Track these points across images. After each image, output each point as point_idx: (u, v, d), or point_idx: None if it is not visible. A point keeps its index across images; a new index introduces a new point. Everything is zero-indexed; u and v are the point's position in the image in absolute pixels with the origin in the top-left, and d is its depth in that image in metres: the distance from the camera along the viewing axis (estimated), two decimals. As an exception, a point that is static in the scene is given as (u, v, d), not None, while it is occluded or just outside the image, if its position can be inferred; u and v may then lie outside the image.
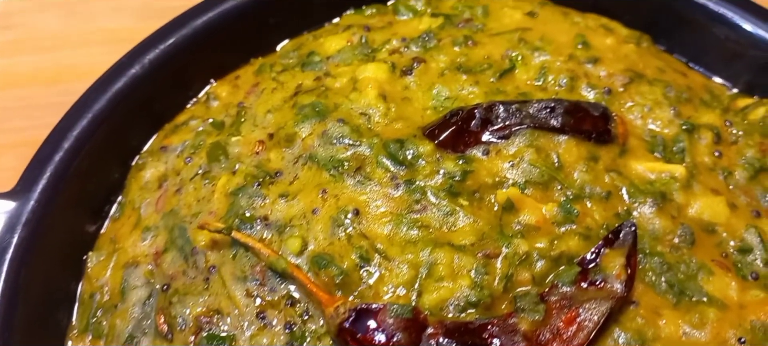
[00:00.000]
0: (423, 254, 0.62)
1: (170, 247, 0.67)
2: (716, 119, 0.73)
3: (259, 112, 0.75)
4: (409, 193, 0.65)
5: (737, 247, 0.65)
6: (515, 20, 0.82)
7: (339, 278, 0.61)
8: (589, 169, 0.67)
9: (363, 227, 0.64)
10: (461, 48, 0.78)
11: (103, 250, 0.70)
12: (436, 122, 0.70)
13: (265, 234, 0.65)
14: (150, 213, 0.70)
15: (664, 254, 0.63)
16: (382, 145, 0.68)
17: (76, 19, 1.19)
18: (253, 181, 0.68)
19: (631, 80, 0.75)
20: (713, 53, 0.82)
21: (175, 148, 0.74)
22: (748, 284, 0.63)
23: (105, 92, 0.70)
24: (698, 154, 0.70)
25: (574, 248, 0.62)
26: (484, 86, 0.74)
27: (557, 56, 0.77)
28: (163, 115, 0.77)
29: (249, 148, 0.72)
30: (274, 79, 0.78)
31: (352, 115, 0.71)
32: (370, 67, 0.76)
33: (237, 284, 0.63)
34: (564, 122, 0.69)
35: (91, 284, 0.68)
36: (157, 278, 0.66)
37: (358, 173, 0.67)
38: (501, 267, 0.61)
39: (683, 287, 0.62)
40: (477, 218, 0.64)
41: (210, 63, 0.80)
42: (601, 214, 0.65)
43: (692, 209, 0.66)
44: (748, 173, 0.70)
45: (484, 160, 0.67)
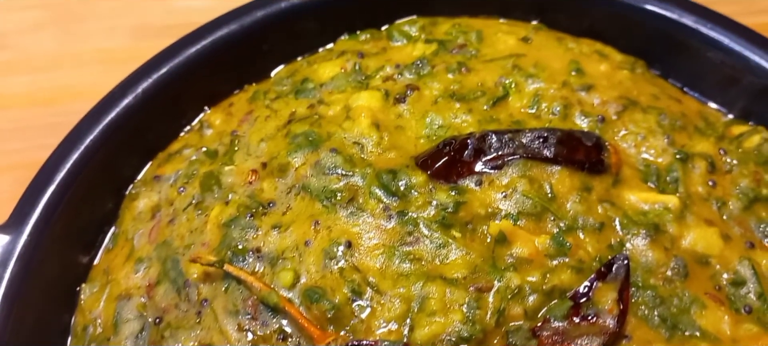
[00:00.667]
0: (415, 288, 0.62)
1: (163, 279, 0.67)
2: (711, 147, 0.73)
3: (252, 141, 0.75)
4: (402, 225, 0.65)
5: (731, 280, 0.64)
6: (509, 46, 0.82)
7: (331, 312, 0.61)
8: (582, 200, 0.67)
9: (355, 259, 0.64)
10: (455, 75, 0.78)
11: (96, 281, 0.70)
12: (429, 152, 0.70)
13: (257, 267, 0.65)
14: (143, 244, 0.70)
15: (657, 287, 0.63)
16: (375, 176, 0.68)
17: (72, 39, 1.19)
18: (246, 212, 0.68)
19: (625, 108, 0.75)
20: (708, 79, 0.82)
21: (168, 177, 0.74)
22: (741, 318, 0.62)
23: (97, 123, 0.70)
24: (692, 184, 0.70)
25: (566, 281, 0.62)
26: (478, 114, 0.74)
27: (551, 83, 0.77)
28: (156, 143, 0.77)
29: (242, 178, 0.72)
30: (267, 106, 0.78)
31: (345, 144, 0.71)
32: (364, 95, 0.75)
33: (229, 318, 0.63)
34: (557, 152, 0.68)
35: (84, 317, 0.68)
36: (150, 310, 0.66)
37: (351, 204, 0.67)
38: (493, 301, 0.61)
39: (676, 321, 0.62)
40: (469, 251, 0.64)
41: (204, 91, 0.80)
42: (594, 246, 0.65)
43: (685, 241, 0.66)
44: (743, 203, 0.70)
45: (477, 191, 0.67)
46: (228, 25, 0.77)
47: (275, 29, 0.80)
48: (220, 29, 0.77)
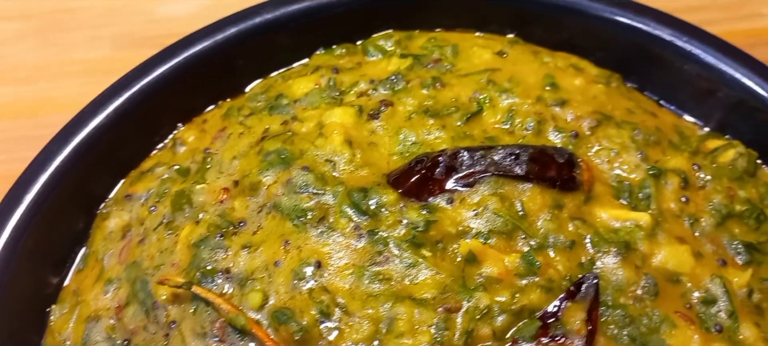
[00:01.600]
0: (383, 309, 0.62)
1: (132, 300, 0.66)
2: (684, 163, 0.73)
3: (224, 159, 0.74)
4: (372, 244, 0.65)
5: (702, 298, 0.64)
6: (484, 60, 0.82)
7: (298, 334, 0.61)
8: (554, 218, 0.67)
9: (325, 280, 0.64)
10: (429, 90, 0.78)
11: (66, 302, 0.70)
12: (401, 169, 0.70)
13: (226, 288, 0.65)
14: (113, 265, 0.70)
15: (627, 307, 0.63)
16: (346, 195, 0.67)
17: (54, 50, 1.19)
18: (216, 231, 0.68)
19: (599, 123, 0.74)
20: (684, 91, 0.82)
21: (139, 196, 0.74)
22: (711, 337, 0.62)
23: (67, 143, 0.69)
24: (664, 201, 0.70)
25: (535, 301, 0.62)
26: (451, 130, 0.74)
27: (525, 98, 0.76)
28: (129, 161, 0.77)
29: (213, 197, 0.72)
30: (241, 123, 0.78)
31: (317, 162, 0.71)
32: (337, 112, 0.75)
33: (196, 340, 0.63)
34: (528, 170, 0.68)
35: (54, 338, 0.68)
36: (118, 332, 0.65)
37: (322, 223, 0.67)
38: (461, 322, 0.61)
39: (645, 340, 0.61)
40: (439, 270, 0.63)
41: (177, 107, 0.79)
42: (564, 264, 0.65)
43: (656, 259, 0.66)
44: (715, 220, 0.69)
45: (448, 209, 0.67)
46: (200, 42, 0.77)
47: (249, 45, 0.80)
48: (193, 46, 0.77)
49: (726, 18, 1.27)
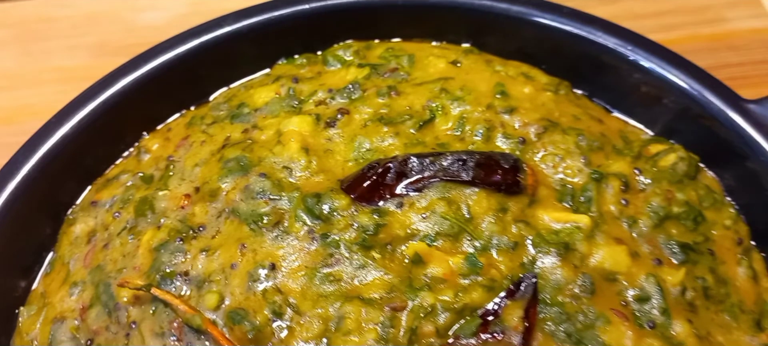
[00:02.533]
0: (333, 308, 0.65)
1: (95, 302, 0.70)
2: (626, 167, 0.76)
3: (187, 166, 0.78)
4: (324, 247, 0.68)
5: (636, 296, 0.67)
6: (439, 69, 0.85)
7: (251, 333, 0.64)
8: (498, 221, 0.70)
9: (278, 281, 0.67)
10: (385, 99, 0.81)
11: (33, 305, 0.73)
12: (354, 175, 0.73)
13: (184, 290, 0.68)
14: (78, 268, 0.73)
15: (564, 304, 0.66)
16: (301, 200, 0.71)
17: (32, 58, 1.23)
18: (177, 236, 0.71)
19: (546, 129, 0.78)
20: (632, 98, 0.85)
21: (104, 202, 0.77)
22: (644, 333, 0.65)
23: (34, 153, 0.72)
24: (605, 203, 0.73)
25: (477, 299, 0.65)
26: (404, 137, 0.77)
27: (476, 106, 0.79)
28: (95, 168, 0.80)
29: (175, 203, 0.75)
30: (203, 131, 0.81)
31: (275, 169, 0.74)
32: (295, 120, 0.78)
33: (155, 339, 0.66)
34: (475, 175, 0.71)
35: (22, 339, 0.71)
36: (82, 333, 0.69)
37: (277, 227, 0.70)
38: (406, 320, 0.64)
39: (581, 336, 0.64)
40: (387, 271, 0.67)
41: (142, 116, 0.82)
42: (506, 265, 0.68)
43: (594, 259, 0.69)
44: (653, 222, 0.72)
45: (398, 213, 0.70)
46: (163, 54, 0.80)
47: (211, 56, 0.83)
48: (156, 58, 0.80)
49: (690, 22, 1.31)
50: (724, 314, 0.69)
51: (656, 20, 1.29)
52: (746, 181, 0.77)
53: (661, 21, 1.29)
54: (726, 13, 1.30)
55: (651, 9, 1.31)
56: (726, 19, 1.30)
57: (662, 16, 1.29)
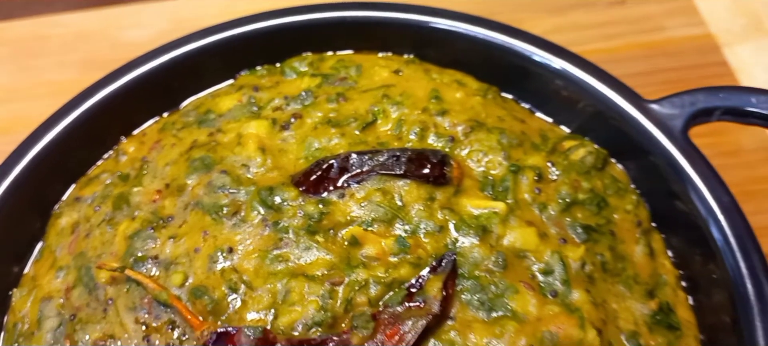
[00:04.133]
0: (280, 284, 0.75)
1: (78, 283, 0.80)
2: (541, 161, 0.87)
3: (159, 166, 0.89)
4: (275, 232, 0.79)
5: (542, 269, 0.78)
6: (383, 78, 0.96)
7: (210, 305, 0.75)
8: (426, 208, 0.80)
9: (234, 262, 0.77)
10: (334, 104, 0.92)
11: (25, 287, 0.84)
12: (303, 171, 0.84)
13: (154, 271, 0.79)
14: (64, 255, 0.84)
15: (480, 278, 0.76)
16: (257, 193, 0.81)
17: (26, 73, 1.34)
18: (148, 225, 0.82)
19: (472, 129, 0.88)
20: (553, 101, 0.95)
21: (87, 198, 0.88)
22: (547, 301, 0.76)
23: (24, 157, 0.84)
24: (520, 192, 0.84)
25: (405, 274, 0.76)
26: (349, 138, 0.88)
27: (413, 110, 0.90)
28: (79, 169, 0.91)
29: (148, 197, 0.86)
30: (174, 135, 0.92)
31: (234, 166, 0.85)
32: (253, 124, 0.89)
33: (128, 313, 0.77)
34: (407, 169, 0.82)
35: (15, 316, 0.82)
36: (66, 309, 0.79)
37: (235, 216, 0.81)
38: (343, 293, 0.75)
39: (492, 304, 0.75)
40: (329, 252, 0.77)
41: (121, 122, 0.94)
42: (432, 245, 0.78)
43: (507, 239, 0.79)
44: (561, 207, 0.83)
45: (340, 202, 0.81)
46: (138, 67, 0.91)
47: (181, 68, 0.94)
48: (132, 71, 0.91)
49: (630, 31, 1.41)
50: (619, 285, 0.80)
51: (598, 30, 1.40)
52: (648, 172, 0.88)
53: (603, 31, 1.40)
54: (665, 22, 1.41)
55: (595, 20, 1.43)
56: (664, 28, 1.41)
57: (604, 26, 1.41)
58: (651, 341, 0.76)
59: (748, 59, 1.33)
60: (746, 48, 1.34)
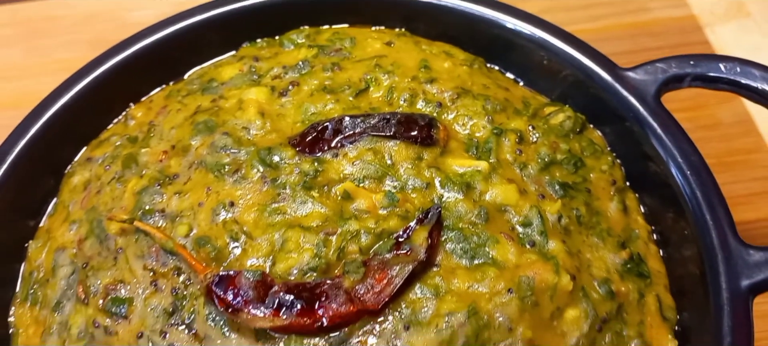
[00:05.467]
0: (278, 234, 0.81)
1: (90, 235, 0.86)
2: (522, 125, 0.92)
3: (165, 129, 0.95)
4: (274, 188, 0.85)
5: (521, 222, 0.84)
6: (375, 49, 1.02)
7: (213, 253, 0.81)
8: (414, 166, 0.86)
9: (235, 215, 0.83)
10: (329, 73, 0.98)
11: (40, 239, 0.90)
12: (300, 133, 0.90)
13: (161, 223, 0.84)
14: (76, 210, 0.90)
15: (463, 229, 0.82)
16: (256, 153, 0.87)
17: (37, 52, 1.40)
18: (155, 182, 0.88)
19: (459, 96, 0.94)
20: (535, 71, 1.01)
21: (98, 159, 0.94)
22: (525, 250, 0.81)
23: (39, 119, 0.90)
24: (502, 153, 0.90)
25: (393, 226, 0.81)
26: (343, 103, 0.94)
27: (403, 78, 0.96)
28: (90, 133, 0.97)
29: (155, 157, 0.92)
30: (179, 101, 0.98)
31: (236, 129, 0.91)
32: (253, 90, 0.95)
33: (137, 261, 0.83)
34: (396, 130, 0.88)
35: (31, 265, 0.88)
36: (79, 258, 0.85)
37: (236, 173, 0.86)
38: (336, 242, 0.80)
39: (474, 252, 0.80)
40: (323, 205, 0.83)
41: (129, 90, 1.00)
42: (419, 200, 0.84)
43: (489, 195, 0.84)
44: (540, 166, 0.89)
45: (334, 161, 0.87)
46: (145, 39, 0.98)
47: (185, 40, 1.00)
48: (139, 42, 0.97)
49: (615, 13, 1.47)
50: (593, 237, 0.86)
51: (585, 11, 1.46)
52: (623, 136, 0.94)
53: (590, 12, 1.46)
54: (649, 3, 1.47)
55: (582, 2, 1.49)
56: (648, 9, 1.47)
57: (591, 8, 1.46)
58: (622, 287, 0.81)
59: (729, 39, 1.39)
60: (727, 28, 1.40)
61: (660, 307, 0.82)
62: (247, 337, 0.76)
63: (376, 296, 0.77)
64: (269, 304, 0.75)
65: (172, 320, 0.78)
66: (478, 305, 0.75)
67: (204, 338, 0.76)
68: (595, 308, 0.79)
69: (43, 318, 0.83)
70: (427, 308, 0.76)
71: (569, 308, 0.78)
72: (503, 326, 0.75)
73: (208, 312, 0.77)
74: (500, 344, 0.75)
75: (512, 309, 0.76)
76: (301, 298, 0.76)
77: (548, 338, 0.76)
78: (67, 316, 0.82)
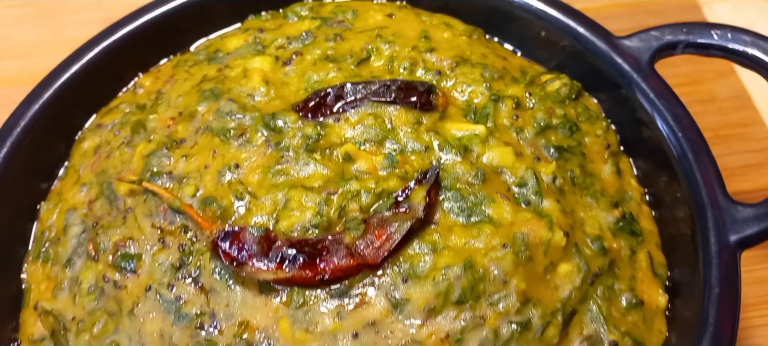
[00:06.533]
0: (281, 194, 0.83)
1: (100, 196, 0.89)
2: (519, 91, 0.95)
3: (172, 97, 0.98)
4: (277, 151, 0.87)
5: (516, 182, 0.86)
6: (377, 21, 1.05)
7: (219, 211, 0.83)
8: (414, 130, 0.89)
9: (240, 176, 0.86)
10: (331, 43, 1.01)
11: (51, 200, 0.93)
12: (303, 99, 0.93)
13: (168, 184, 0.87)
14: (86, 173, 0.93)
15: (461, 189, 0.84)
16: (260, 118, 0.90)
17: (50, 30, 1.43)
18: (163, 146, 0.91)
19: (458, 64, 0.97)
20: (533, 42, 1.04)
21: (107, 125, 0.97)
22: (520, 209, 0.83)
23: (51, 86, 0.93)
24: (499, 117, 0.92)
25: (393, 186, 0.83)
26: (345, 72, 0.96)
27: (404, 47, 0.99)
28: (100, 101, 1.00)
29: (163, 123, 0.95)
30: (186, 71, 1.01)
31: (241, 95, 0.94)
32: (258, 59, 0.98)
33: (146, 219, 0.85)
34: (396, 96, 0.91)
35: (43, 225, 0.91)
36: (89, 218, 0.89)
37: (241, 137, 0.89)
38: (337, 201, 0.83)
39: (471, 211, 0.83)
40: (325, 167, 0.86)
41: (137, 60, 1.03)
42: (418, 162, 0.86)
43: (486, 157, 0.87)
44: (536, 130, 0.91)
45: (335, 125, 0.89)
46: (153, 11, 1.01)
47: (192, 13, 1.03)
48: (148, 14, 1.00)
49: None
50: (587, 197, 0.88)
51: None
52: (618, 102, 0.96)
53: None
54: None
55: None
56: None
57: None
58: (614, 244, 0.84)
59: (727, 17, 1.41)
60: (725, 6, 1.42)
61: (651, 263, 0.85)
62: (251, 289, 0.78)
63: (376, 251, 0.79)
64: (273, 258, 0.78)
65: (179, 275, 0.81)
66: (474, 260, 0.78)
67: (210, 290, 0.79)
68: (588, 263, 0.81)
69: (54, 275, 0.87)
70: (424, 263, 0.78)
71: (562, 263, 0.81)
72: (498, 279, 0.78)
73: (213, 266, 0.80)
74: (495, 296, 0.77)
75: (507, 263, 0.78)
76: (304, 252, 0.78)
77: (542, 291, 0.79)
78: (77, 272, 0.85)
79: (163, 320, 0.79)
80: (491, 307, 0.77)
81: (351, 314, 0.77)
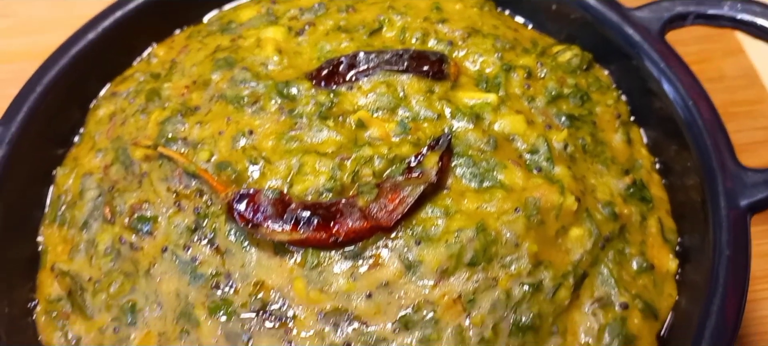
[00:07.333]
0: (295, 159, 0.84)
1: (115, 161, 0.90)
2: (531, 61, 0.96)
3: (186, 66, 0.99)
4: (291, 118, 0.88)
5: (528, 149, 0.87)
6: (389, -8, 1.06)
7: (234, 176, 0.85)
8: (426, 99, 0.89)
9: (255, 142, 0.87)
10: (344, 14, 1.02)
11: (67, 166, 0.94)
12: (316, 68, 0.94)
13: (183, 149, 0.88)
14: (102, 139, 0.94)
15: (473, 156, 0.85)
16: (274, 86, 0.91)
17: (60, 7, 1.44)
18: (178, 113, 0.91)
19: (470, 35, 0.98)
20: (544, 14, 1.05)
21: (122, 93, 0.98)
22: (532, 175, 0.84)
23: (66, 54, 0.94)
24: (511, 87, 0.93)
25: (406, 152, 0.84)
26: (358, 42, 0.97)
27: (416, 18, 1.00)
28: (115, 70, 1.01)
29: (177, 92, 0.96)
30: (200, 41, 1.02)
31: (254, 64, 0.95)
32: (271, 29, 0.99)
33: (161, 183, 0.87)
34: (408, 65, 0.91)
35: (59, 189, 0.92)
36: (105, 182, 0.90)
37: (255, 105, 0.90)
38: (350, 166, 0.84)
39: (483, 177, 0.83)
40: (338, 133, 0.87)
41: (152, 31, 1.04)
42: (431, 130, 0.87)
43: (498, 125, 0.88)
44: (547, 99, 0.92)
45: (348, 93, 0.90)
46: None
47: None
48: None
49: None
50: (598, 165, 0.89)
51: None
52: (629, 72, 0.97)
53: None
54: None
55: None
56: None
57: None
58: (625, 209, 0.85)
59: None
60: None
61: (662, 229, 0.86)
62: (266, 250, 0.79)
63: (389, 215, 0.80)
64: (287, 219, 0.79)
65: (194, 236, 0.82)
66: (486, 223, 0.79)
67: (225, 251, 0.80)
68: (599, 227, 0.82)
69: (70, 237, 0.88)
70: (437, 226, 0.79)
71: (574, 227, 0.81)
72: (510, 242, 0.78)
73: (229, 228, 0.81)
74: (507, 258, 0.78)
75: (519, 226, 0.79)
76: (318, 214, 0.79)
77: (553, 254, 0.80)
78: (93, 234, 0.86)
79: (179, 280, 0.80)
80: (503, 269, 0.78)
81: (365, 275, 0.78)
